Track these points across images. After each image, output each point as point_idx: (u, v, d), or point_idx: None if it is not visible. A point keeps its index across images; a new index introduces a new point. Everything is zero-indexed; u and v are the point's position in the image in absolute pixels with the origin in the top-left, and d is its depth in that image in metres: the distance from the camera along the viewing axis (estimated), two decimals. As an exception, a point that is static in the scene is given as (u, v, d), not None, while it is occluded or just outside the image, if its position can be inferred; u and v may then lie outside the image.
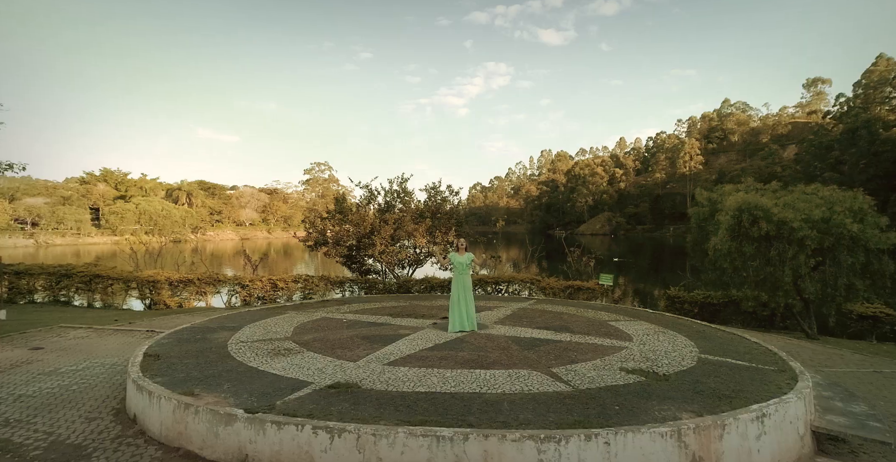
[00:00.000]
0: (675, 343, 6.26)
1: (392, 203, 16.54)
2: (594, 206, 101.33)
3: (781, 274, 9.48)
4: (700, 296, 12.74)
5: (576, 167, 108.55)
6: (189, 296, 15.47)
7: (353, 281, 15.78)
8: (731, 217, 10.09)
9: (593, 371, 4.97)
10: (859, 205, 9.60)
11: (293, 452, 3.70)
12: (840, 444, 4.27)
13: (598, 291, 13.82)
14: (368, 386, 4.57)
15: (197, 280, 15.30)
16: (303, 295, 15.73)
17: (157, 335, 6.76)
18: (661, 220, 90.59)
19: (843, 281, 9.26)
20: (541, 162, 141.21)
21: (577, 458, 3.40)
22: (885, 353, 8.92)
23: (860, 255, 9.17)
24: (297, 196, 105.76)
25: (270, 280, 15.36)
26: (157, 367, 5.13)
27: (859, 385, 6.13)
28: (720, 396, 4.20)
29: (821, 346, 9.19)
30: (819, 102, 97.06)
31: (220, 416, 3.92)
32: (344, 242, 15.48)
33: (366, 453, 3.61)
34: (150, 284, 14.86)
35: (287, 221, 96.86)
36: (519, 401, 4.17)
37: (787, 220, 9.37)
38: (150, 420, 4.40)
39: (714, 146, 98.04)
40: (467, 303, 6.93)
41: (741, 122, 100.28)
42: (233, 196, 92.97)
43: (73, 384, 5.62)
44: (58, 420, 4.58)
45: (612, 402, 4.07)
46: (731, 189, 11.89)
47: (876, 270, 9.20)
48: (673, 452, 3.48)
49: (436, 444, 3.52)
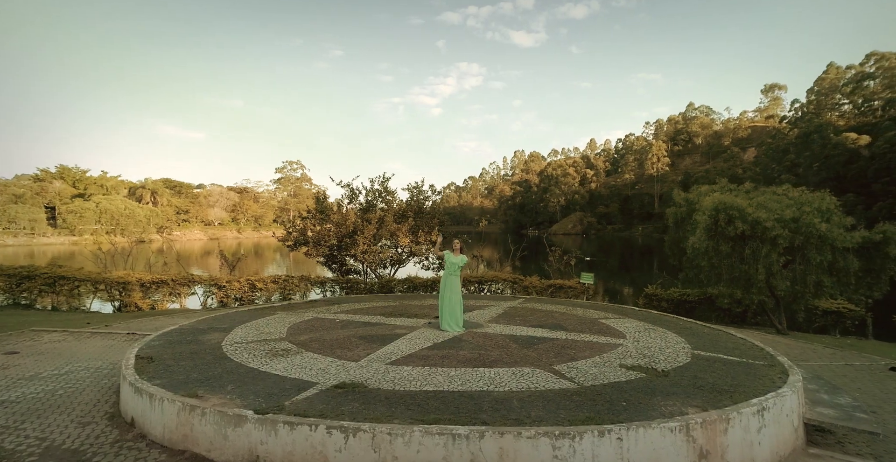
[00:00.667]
0: (666, 340, 6.44)
1: (373, 202, 16.43)
2: (566, 206, 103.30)
3: (755, 272, 9.90)
4: (676, 294, 13.18)
5: (548, 168, 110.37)
6: (162, 297, 14.95)
7: (335, 281, 15.58)
8: (708, 217, 10.47)
9: (595, 368, 5.07)
10: (826, 205, 10.14)
11: (306, 453, 3.65)
12: (827, 435, 4.48)
13: (579, 290, 14.10)
14: (375, 385, 4.54)
15: (171, 281, 14.80)
16: (282, 295, 15.44)
17: (142, 338, 6.54)
18: (630, 220, 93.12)
19: (813, 278, 9.76)
20: (514, 162, 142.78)
21: (591, 453, 3.46)
22: (851, 346, 9.44)
23: (827, 253, 9.68)
24: (268, 195, 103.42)
25: (249, 281, 15.00)
26: (152, 369, 4.98)
27: (834, 378, 6.46)
28: (720, 391, 4.34)
29: (793, 340, 9.66)
30: (776, 107, 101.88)
31: (228, 418, 3.84)
32: (325, 242, 15.27)
33: (381, 452, 3.59)
34: (119, 286, 14.28)
35: (258, 221, 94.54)
36: (527, 398, 4.21)
37: (761, 219, 9.80)
38: (151, 423, 4.27)
39: (680, 148, 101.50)
40: (452, 304, 6.94)
41: (705, 125, 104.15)
42: (200, 195, 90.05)
43: (59, 389, 5.41)
44: (49, 425, 4.41)
45: (619, 399, 4.16)
46: (706, 190, 12.34)
47: (841, 268, 9.73)
48: (682, 447, 3.57)
49: (451, 443, 3.53)
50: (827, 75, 77.99)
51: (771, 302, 10.73)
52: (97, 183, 75.33)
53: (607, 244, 73.70)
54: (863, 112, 71.50)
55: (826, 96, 77.64)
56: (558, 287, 14.34)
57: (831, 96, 77.32)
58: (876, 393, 5.88)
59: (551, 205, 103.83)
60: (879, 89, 69.77)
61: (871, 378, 6.57)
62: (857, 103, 73.13)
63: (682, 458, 3.56)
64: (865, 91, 71.68)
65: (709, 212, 10.48)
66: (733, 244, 10.28)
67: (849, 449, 4.20)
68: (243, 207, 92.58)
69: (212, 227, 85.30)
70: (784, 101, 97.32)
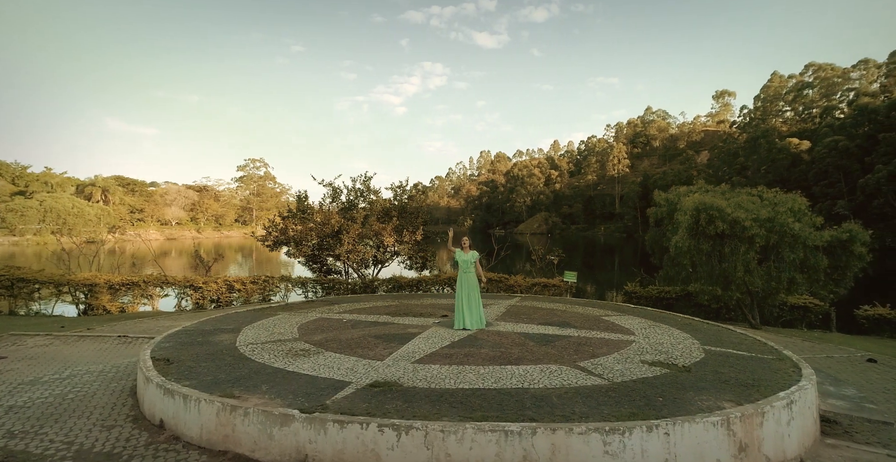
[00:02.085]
0: (673, 336, 6.67)
1: (355, 202, 16.22)
2: (532, 206, 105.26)
3: (734, 269, 10.46)
4: (654, 291, 13.73)
5: (514, 168, 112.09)
6: (133, 299, 14.22)
7: (317, 281, 15.29)
8: (689, 217, 10.95)
9: (618, 364, 5.18)
10: (798, 206, 10.84)
11: (357, 451, 3.63)
12: (834, 426, 4.71)
13: (563, 288, 14.43)
14: (410, 384, 4.53)
15: (143, 282, 14.11)
16: (262, 297, 15.01)
17: (146, 340, 6.25)
18: (592, 220, 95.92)
19: (786, 275, 10.40)
20: (480, 162, 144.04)
21: (640, 448, 3.53)
22: (819, 339, 10.12)
23: (800, 251, 10.35)
24: (229, 194, 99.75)
25: (226, 282, 14.49)
26: (174, 371, 4.85)
27: (822, 369, 6.91)
28: (745, 385, 4.50)
29: (770, 334, 10.24)
30: (726, 113, 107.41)
31: (274, 417, 3.79)
32: (307, 242, 14.95)
33: (434, 450, 3.59)
34: (85, 288, 13.47)
35: (219, 220, 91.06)
36: (565, 395, 4.27)
37: (740, 219, 10.36)
38: (186, 425, 4.16)
39: (639, 150, 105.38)
40: (470, 302, 6.99)
41: (662, 128, 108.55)
42: (156, 193, 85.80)
43: (69, 393, 5.19)
44: (71, 429, 4.27)
45: (654, 394, 4.26)
46: (685, 191, 12.90)
47: (812, 265, 10.42)
48: (723, 440, 3.69)
49: (504, 439, 3.55)
50: (771, 83, 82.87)
51: (747, 298, 11.35)
52: (40, 180, 70.47)
53: (571, 243, 75.61)
54: (803, 119, 76.44)
55: (771, 103, 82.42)
56: (543, 285, 14.62)
57: (775, 103, 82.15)
58: (862, 383, 6.31)
59: (517, 205, 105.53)
60: (817, 98, 74.86)
61: (853, 369, 7.07)
62: (798, 111, 78.18)
63: (723, 451, 3.68)
64: (805, 99, 76.69)
65: (690, 212, 10.97)
66: (713, 243, 10.80)
67: (857, 438, 4.44)
68: (203, 206, 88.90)
69: (169, 226, 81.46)
70: (734, 107, 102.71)
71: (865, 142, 53.24)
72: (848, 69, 72.04)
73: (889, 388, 6.10)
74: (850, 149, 53.91)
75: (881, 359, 7.75)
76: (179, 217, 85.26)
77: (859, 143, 53.75)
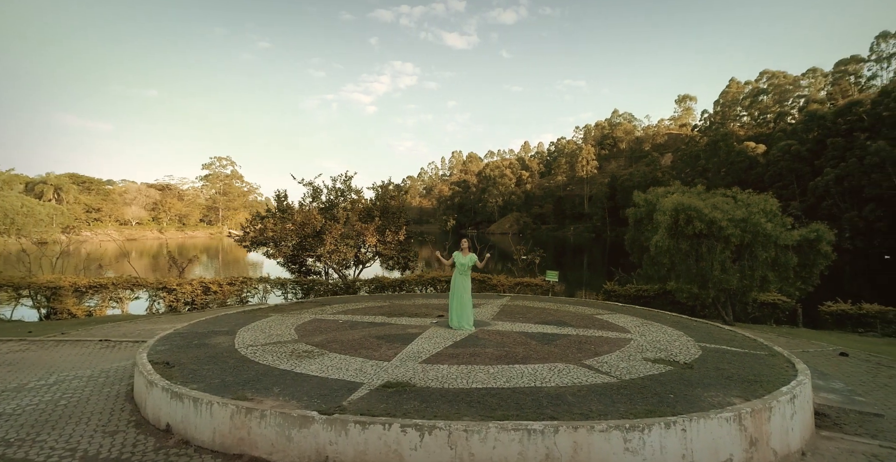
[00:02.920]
0: (667, 333, 6.87)
1: (335, 201, 15.99)
2: (504, 206, 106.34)
3: (710, 268, 10.89)
4: (632, 289, 14.14)
5: (486, 169, 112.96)
6: (102, 303, 13.57)
7: (297, 282, 14.99)
8: (669, 217, 11.33)
9: (622, 362, 5.29)
10: (770, 206, 11.38)
11: (380, 452, 3.62)
12: (824, 418, 4.92)
13: (545, 287, 14.65)
14: (422, 384, 4.51)
15: (111, 285, 13.50)
16: (239, 298, 14.59)
17: (132, 344, 6.00)
18: (562, 220, 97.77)
19: (759, 273, 10.90)
20: (452, 162, 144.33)
21: (658, 445, 3.62)
22: (789, 334, 10.68)
23: (772, 250, 10.87)
24: (193, 193, 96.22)
25: (202, 283, 14.04)
26: (177, 374, 4.72)
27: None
28: (748, 381, 4.66)
29: (745, 331, 10.72)
30: (688, 117, 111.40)
31: (293, 419, 3.74)
32: (287, 242, 14.63)
33: (458, 449, 3.60)
34: (48, 291, 12.75)
35: (182, 220, 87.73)
36: (579, 393, 4.33)
37: (717, 219, 10.79)
38: (196, 428, 4.06)
39: (606, 152, 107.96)
40: (462, 303, 7.00)
41: (628, 131, 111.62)
42: (114, 192, 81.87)
43: (60, 399, 5.00)
44: (71, 436, 4.10)
45: (664, 391, 4.36)
46: (663, 191, 13.34)
47: (783, 263, 10.96)
48: (736, 435, 3.82)
49: (527, 438, 3.58)
50: (729, 89, 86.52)
51: (723, 296, 11.83)
52: (-16, 176, 66.00)
53: (542, 243, 76.89)
54: (759, 123, 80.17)
55: (729, 108, 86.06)
56: (525, 285, 14.81)
57: (733, 108, 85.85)
58: (839, 376, 6.70)
59: (489, 205, 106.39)
60: (771, 103, 78.70)
61: (828, 362, 7.48)
62: (755, 115, 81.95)
63: (736, 446, 3.80)
64: (760, 105, 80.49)
65: (669, 212, 11.34)
66: (691, 242, 11.22)
67: (847, 430, 4.67)
68: (166, 206, 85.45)
69: (129, 226, 77.87)
70: (695, 111, 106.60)
71: (815, 146, 56.39)
72: (798, 77, 76.11)
73: (865, 380, 6.48)
74: (801, 153, 56.98)
75: (851, 352, 8.23)
76: (140, 217, 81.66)
77: (810, 147, 56.87)
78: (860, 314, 11.46)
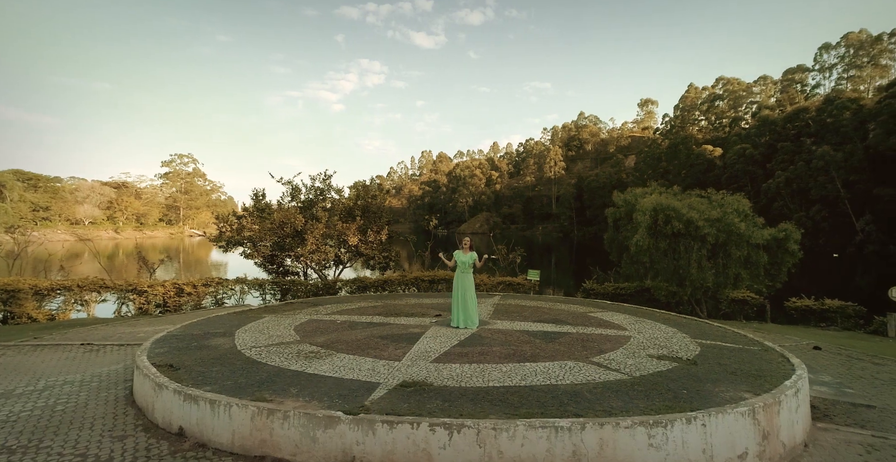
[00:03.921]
0: (662, 330, 7.06)
1: (315, 200, 15.69)
2: (474, 206, 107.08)
3: (688, 266, 11.35)
4: (610, 287, 14.54)
5: (457, 169, 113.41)
6: (66, 306, 12.82)
7: (275, 283, 14.60)
8: (648, 217, 11.73)
9: (628, 359, 5.41)
10: (742, 207, 11.96)
11: (408, 451, 3.61)
12: (814, 410, 5.11)
13: (526, 286, 14.86)
14: (440, 383, 4.51)
15: (76, 287, 12.78)
16: (215, 300, 14.10)
17: (117, 348, 5.77)
18: (531, 220, 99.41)
19: (733, 271, 11.44)
20: (422, 162, 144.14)
21: (680, 439, 3.72)
22: (759, 329, 11.22)
23: (745, 248, 11.42)
24: (152, 191, 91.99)
25: (175, 284, 13.48)
26: (187, 376, 4.57)
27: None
28: (753, 376, 4.84)
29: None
30: (650, 120, 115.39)
31: (318, 420, 3.69)
32: (265, 241, 14.25)
33: (486, 447, 3.61)
34: (6, 294, 11.94)
35: (140, 220, 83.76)
36: (595, 390, 4.40)
37: (694, 219, 11.25)
38: (214, 431, 3.95)
39: (573, 153, 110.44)
40: (466, 301, 7.02)
41: (593, 133, 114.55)
42: (64, 189, 77.23)
43: (56, 405, 4.81)
44: (77, 441, 3.94)
45: (677, 387, 4.47)
46: (641, 192, 13.78)
47: (754, 261, 11.54)
48: (750, 429, 3.96)
49: (554, 435, 3.63)
50: (688, 94, 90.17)
51: (699, 293, 12.35)
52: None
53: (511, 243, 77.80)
54: (716, 128, 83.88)
55: (688, 112, 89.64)
56: (507, 284, 14.97)
57: (692, 113, 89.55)
58: (817, 369, 7.10)
59: (460, 205, 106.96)
60: (727, 109, 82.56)
61: (804, 356, 7.87)
62: (712, 120, 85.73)
63: (750, 440, 3.95)
64: (717, 110, 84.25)
65: (649, 212, 11.75)
66: (670, 241, 11.65)
67: (837, 420, 4.92)
68: (122, 204, 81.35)
69: (82, 226, 73.66)
70: (657, 115, 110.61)
71: (767, 150, 59.57)
72: (751, 84, 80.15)
73: (841, 372, 6.90)
74: (754, 156, 60.08)
75: (823, 346, 8.75)
76: (94, 216, 77.39)
77: (762, 150, 60.03)
78: (823, 309, 12.19)
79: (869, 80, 64.02)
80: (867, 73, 63.77)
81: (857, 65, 64.57)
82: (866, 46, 63.37)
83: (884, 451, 4.20)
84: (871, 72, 63.36)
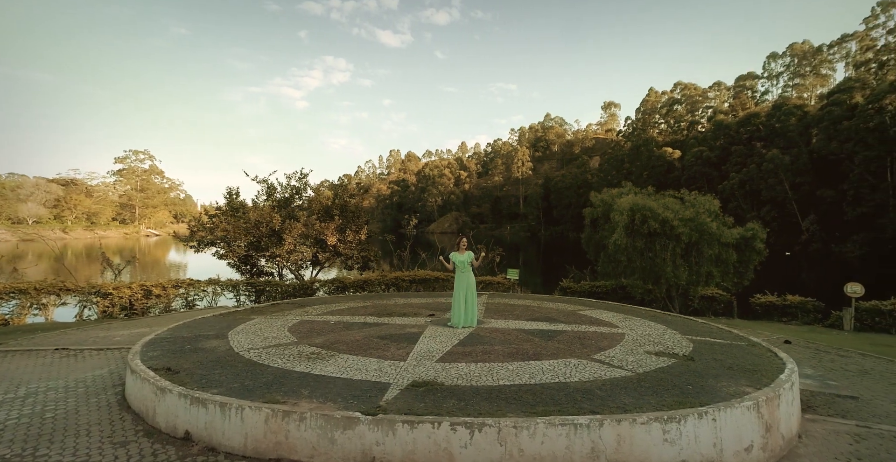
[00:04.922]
0: (652, 327, 7.25)
1: (291, 199, 15.34)
2: (443, 205, 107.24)
3: (663, 264, 11.78)
4: (587, 286, 14.90)
5: (426, 168, 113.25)
6: (21, 310, 12.01)
7: (250, 283, 14.16)
8: (626, 216, 12.10)
9: (629, 356, 5.53)
10: (712, 207, 12.51)
11: (429, 451, 3.60)
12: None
13: (506, 285, 15.02)
14: (451, 383, 4.51)
15: (33, 289, 12.00)
16: (185, 302, 13.54)
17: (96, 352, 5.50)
18: (499, 220, 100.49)
19: (705, 269, 11.95)
20: (390, 161, 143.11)
21: (693, 434, 3.84)
22: (730, 324, 11.72)
23: (716, 247, 11.95)
24: (104, 189, 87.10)
25: (143, 286, 12.85)
26: (188, 380, 4.40)
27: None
28: (749, 370, 5.02)
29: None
30: (613, 122, 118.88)
31: (336, 421, 3.64)
32: (240, 241, 13.80)
33: (507, 446, 3.64)
34: (-47, 299, 11.10)
35: (91, 219, 79.20)
36: (604, 387, 4.47)
37: (669, 218, 11.68)
38: (224, 434, 3.85)
39: (540, 154, 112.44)
40: (467, 300, 7.04)
41: (559, 134, 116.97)
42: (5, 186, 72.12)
43: (45, 412, 4.59)
44: (76, 449, 3.80)
45: (682, 383, 4.60)
46: (617, 192, 14.19)
47: (725, 260, 12.09)
48: (755, 423, 4.13)
49: (573, 432, 3.68)
50: (649, 98, 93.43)
51: (673, 290, 12.83)
52: None
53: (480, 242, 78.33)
54: (675, 131, 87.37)
55: (649, 115, 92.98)
56: (487, 283, 15.10)
57: (653, 116, 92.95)
58: (798, 363, 7.48)
59: (429, 204, 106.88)
60: (684, 112, 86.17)
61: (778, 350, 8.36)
62: (671, 123, 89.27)
63: (755, 433, 4.11)
64: (675, 113, 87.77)
65: (626, 212, 12.11)
66: (646, 240, 12.05)
67: (821, 411, 5.20)
68: (71, 202, 76.70)
69: (25, 225, 68.93)
70: (619, 118, 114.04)
71: (722, 153, 62.55)
72: (706, 89, 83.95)
73: (814, 364, 7.32)
74: (711, 158, 62.98)
75: (793, 340, 9.26)
76: (39, 215, 72.64)
77: (718, 153, 62.99)
78: (785, 305, 12.90)
79: (811, 88, 68.39)
80: (809, 82, 68.08)
81: (801, 74, 68.77)
82: (808, 57, 67.60)
83: (870, 439, 4.48)
84: (814, 80, 67.69)
